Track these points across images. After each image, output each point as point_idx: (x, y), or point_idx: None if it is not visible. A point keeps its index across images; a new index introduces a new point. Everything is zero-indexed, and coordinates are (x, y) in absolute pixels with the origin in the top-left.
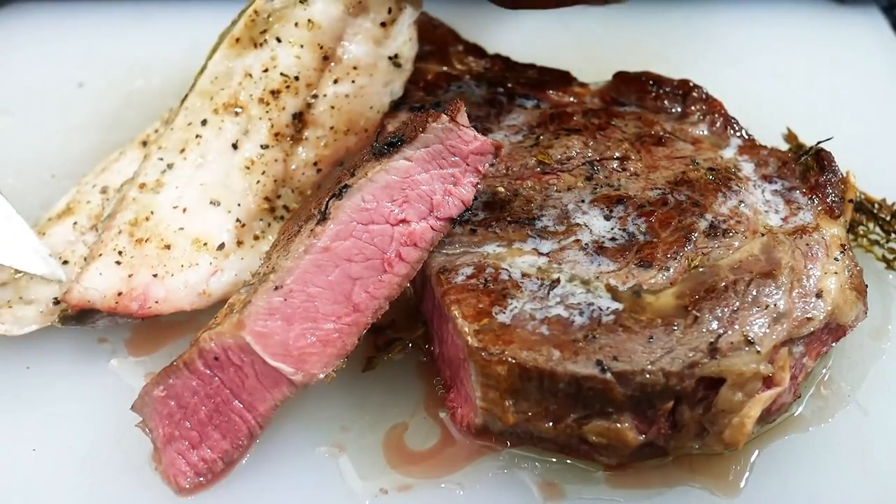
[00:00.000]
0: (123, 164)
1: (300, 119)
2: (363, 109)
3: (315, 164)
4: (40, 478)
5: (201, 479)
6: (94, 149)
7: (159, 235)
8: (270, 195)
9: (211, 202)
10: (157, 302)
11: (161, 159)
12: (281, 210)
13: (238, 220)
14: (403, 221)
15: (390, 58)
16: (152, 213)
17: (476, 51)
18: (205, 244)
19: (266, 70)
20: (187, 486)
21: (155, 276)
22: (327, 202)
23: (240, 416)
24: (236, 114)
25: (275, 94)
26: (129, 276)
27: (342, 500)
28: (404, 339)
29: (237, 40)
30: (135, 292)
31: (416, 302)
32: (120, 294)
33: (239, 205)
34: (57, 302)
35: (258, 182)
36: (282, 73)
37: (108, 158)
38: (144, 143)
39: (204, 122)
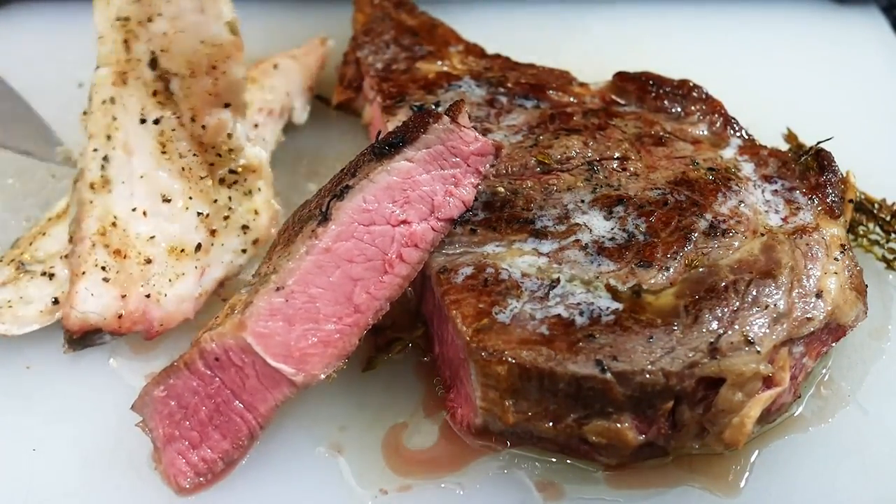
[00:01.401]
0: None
1: (158, 68)
2: (192, 45)
3: (193, 119)
4: (40, 478)
5: (201, 479)
6: None
7: (135, 248)
8: (204, 170)
9: (163, 199)
10: (161, 324)
11: (96, 150)
12: (230, 177)
13: (199, 212)
14: (404, 222)
15: None
16: (115, 217)
17: (476, 51)
18: (182, 251)
19: (117, 18)
20: (187, 486)
21: (148, 296)
22: (328, 203)
23: (240, 417)
24: (124, 81)
25: (126, 43)
26: (123, 296)
27: (342, 501)
28: (404, 339)
29: None
30: (134, 315)
31: (416, 302)
32: (120, 317)
33: (190, 197)
34: (56, 302)
35: (183, 163)
36: (118, 17)
37: None
38: None
39: (112, 100)
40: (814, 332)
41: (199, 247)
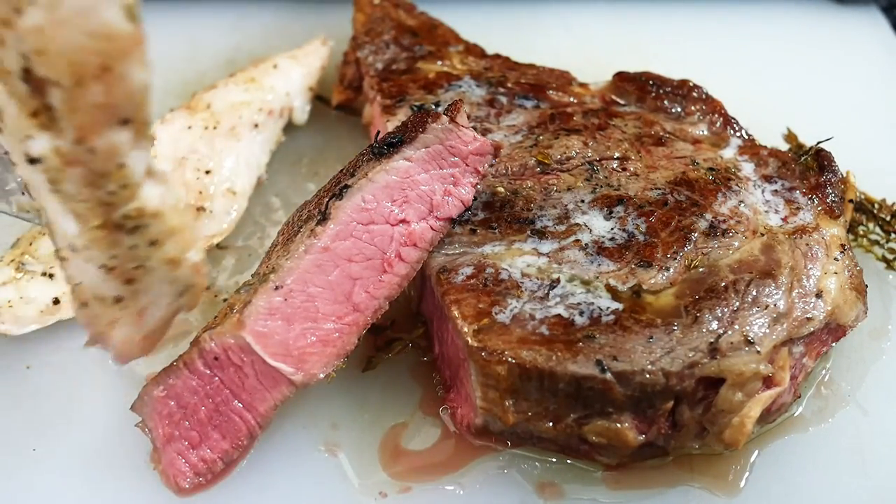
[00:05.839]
0: None
1: (32, 81)
2: (76, 41)
3: (79, 141)
4: (40, 478)
5: (201, 479)
6: None
7: (72, 289)
8: (98, 214)
9: (71, 247)
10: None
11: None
12: (128, 222)
13: (102, 265)
14: (403, 221)
15: None
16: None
17: (476, 51)
18: (104, 299)
19: None
20: (187, 487)
21: (100, 332)
22: (327, 202)
23: (240, 417)
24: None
25: None
26: None
27: (342, 501)
28: (404, 339)
29: None
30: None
31: (416, 302)
32: None
33: (87, 248)
34: (56, 302)
35: (75, 207)
36: None
37: None
38: None
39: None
40: (814, 332)
41: (118, 298)
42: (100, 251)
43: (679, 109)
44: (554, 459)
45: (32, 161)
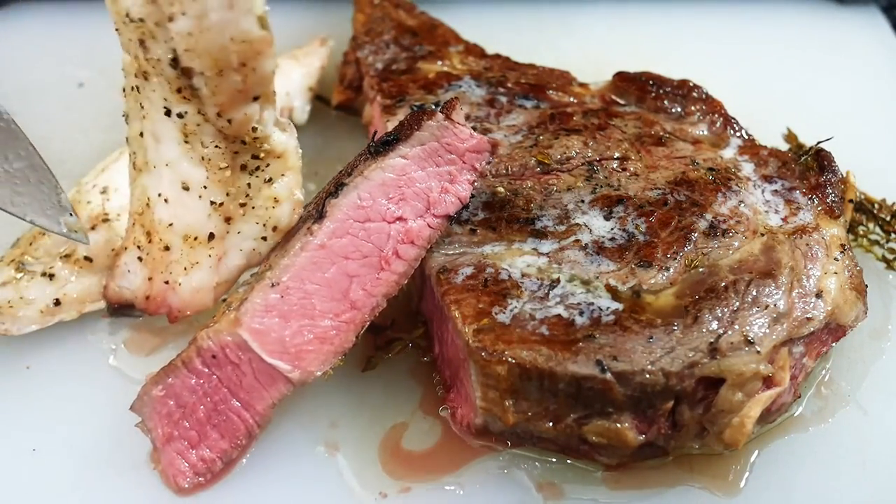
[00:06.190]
0: (123, 164)
1: (180, 67)
2: (221, 42)
3: (219, 114)
4: (40, 478)
5: (200, 478)
6: (94, 149)
7: (158, 233)
8: (226, 160)
9: (182, 187)
10: (179, 311)
11: (141, 135)
12: (252, 163)
13: (212, 201)
14: (400, 219)
15: None
16: (149, 199)
17: (476, 51)
18: (195, 239)
19: (130, 19)
20: (187, 486)
21: (166, 283)
22: (324, 200)
23: (238, 416)
24: (146, 77)
25: (143, 43)
26: (149, 279)
27: (342, 501)
28: (404, 339)
29: None
30: (158, 299)
31: (416, 302)
32: (147, 298)
33: (205, 187)
34: (57, 302)
35: (205, 153)
36: (129, 17)
37: (108, 158)
38: None
39: (138, 89)
40: (814, 332)
41: (211, 236)
42: (218, 188)
43: (679, 109)
44: (554, 459)
45: (169, 113)
